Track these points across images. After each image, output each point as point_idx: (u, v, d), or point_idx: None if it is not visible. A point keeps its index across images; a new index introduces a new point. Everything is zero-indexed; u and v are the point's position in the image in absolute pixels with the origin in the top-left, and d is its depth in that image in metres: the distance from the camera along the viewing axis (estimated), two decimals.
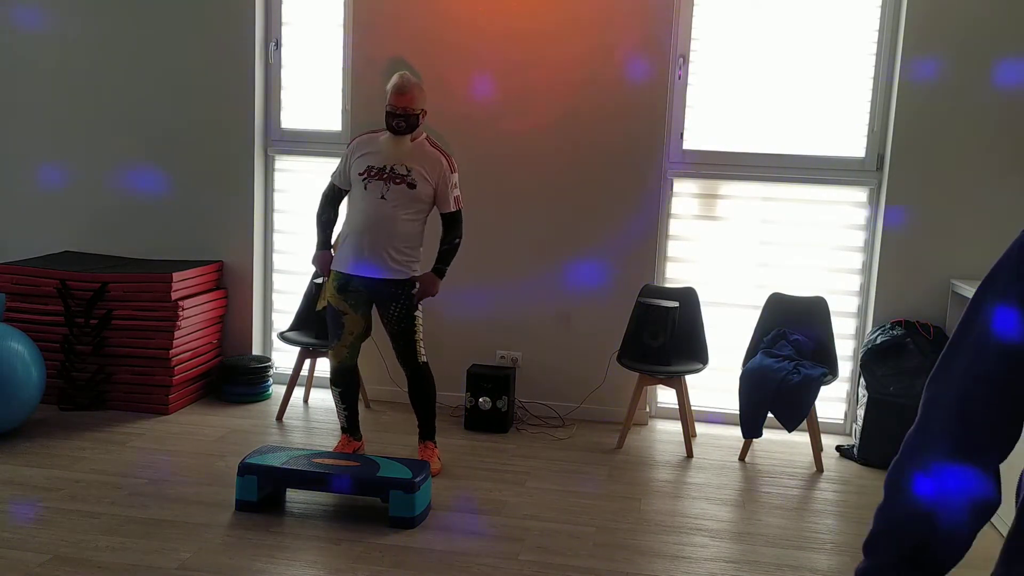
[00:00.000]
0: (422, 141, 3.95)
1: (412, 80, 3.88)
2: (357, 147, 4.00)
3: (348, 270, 3.95)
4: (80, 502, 3.60)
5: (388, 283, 3.94)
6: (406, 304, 3.96)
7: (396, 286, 3.95)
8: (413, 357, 4.03)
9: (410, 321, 3.99)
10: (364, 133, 4.09)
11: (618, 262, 4.82)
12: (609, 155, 4.78)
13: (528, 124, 4.82)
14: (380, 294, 3.97)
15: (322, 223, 4.12)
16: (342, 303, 3.99)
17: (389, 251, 3.90)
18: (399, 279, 3.94)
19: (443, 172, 3.93)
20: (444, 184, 3.94)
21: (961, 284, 4.41)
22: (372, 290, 3.97)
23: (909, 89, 4.51)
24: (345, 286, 3.98)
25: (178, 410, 4.79)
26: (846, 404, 4.87)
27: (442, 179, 3.93)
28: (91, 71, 5.18)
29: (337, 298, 3.99)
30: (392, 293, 3.95)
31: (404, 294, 3.96)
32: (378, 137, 3.97)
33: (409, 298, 3.97)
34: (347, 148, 4.07)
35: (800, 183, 4.76)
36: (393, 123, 3.86)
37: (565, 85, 4.77)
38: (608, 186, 4.79)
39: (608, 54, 4.71)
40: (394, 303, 3.96)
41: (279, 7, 5.08)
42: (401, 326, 3.98)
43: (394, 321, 3.98)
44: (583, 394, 4.90)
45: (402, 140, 3.89)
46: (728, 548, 3.48)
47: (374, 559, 3.23)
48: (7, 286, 4.77)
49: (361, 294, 3.99)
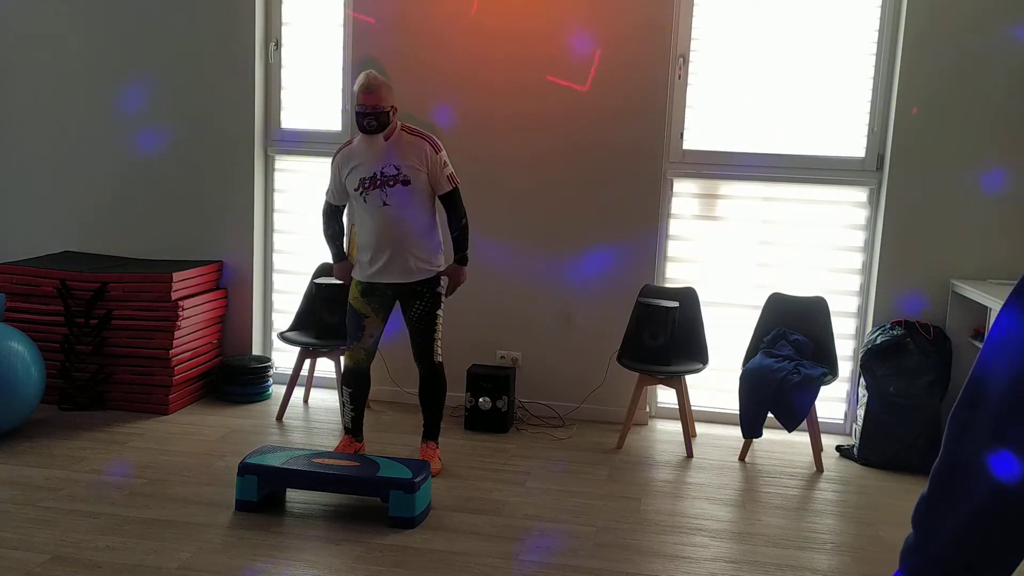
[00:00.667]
0: (398, 134, 3.92)
1: (379, 78, 3.85)
2: (342, 163, 3.97)
3: (373, 280, 3.96)
4: (80, 502, 3.60)
5: (414, 283, 3.96)
6: (430, 302, 3.98)
7: (421, 285, 3.97)
8: (430, 356, 4.04)
9: (431, 320, 4.00)
10: (342, 147, 4.05)
11: (618, 262, 4.82)
12: (609, 155, 4.78)
13: (528, 124, 4.82)
14: (405, 294, 3.99)
15: (330, 237, 4.15)
16: (365, 307, 4.00)
17: (408, 256, 3.91)
18: (425, 278, 3.96)
19: (429, 155, 3.90)
20: (434, 166, 3.91)
21: (961, 284, 4.41)
22: (397, 290, 3.99)
23: (909, 89, 4.51)
24: (370, 290, 3.98)
25: (178, 410, 4.79)
26: (846, 404, 4.87)
27: (431, 162, 3.90)
28: (90, 71, 5.18)
29: (360, 301, 4.00)
30: (417, 292, 3.97)
31: (429, 292, 3.98)
32: (354, 146, 3.94)
33: (433, 295, 3.99)
34: (332, 167, 4.02)
35: (800, 183, 4.76)
36: (364, 122, 3.83)
37: (565, 85, 4.76)
38: (608, 186, 4.79)
39: (608, 54, 4.71)
40: (418, 301, 3.98)
41: (279, 7, 5.08)
42: (422, 324, 3.99)
43: (415, 319, 3.99)
44: (583, 394, 4.90)
45: (377, 140, 3.85)
46: (728, 548, 3.48)
47: (374, 559, 3.23)
48: (7, 286, 4.77)
49: (387, 296, 4.01)
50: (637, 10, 4.67)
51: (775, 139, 4.76)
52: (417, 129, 4.00)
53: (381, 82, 3.85)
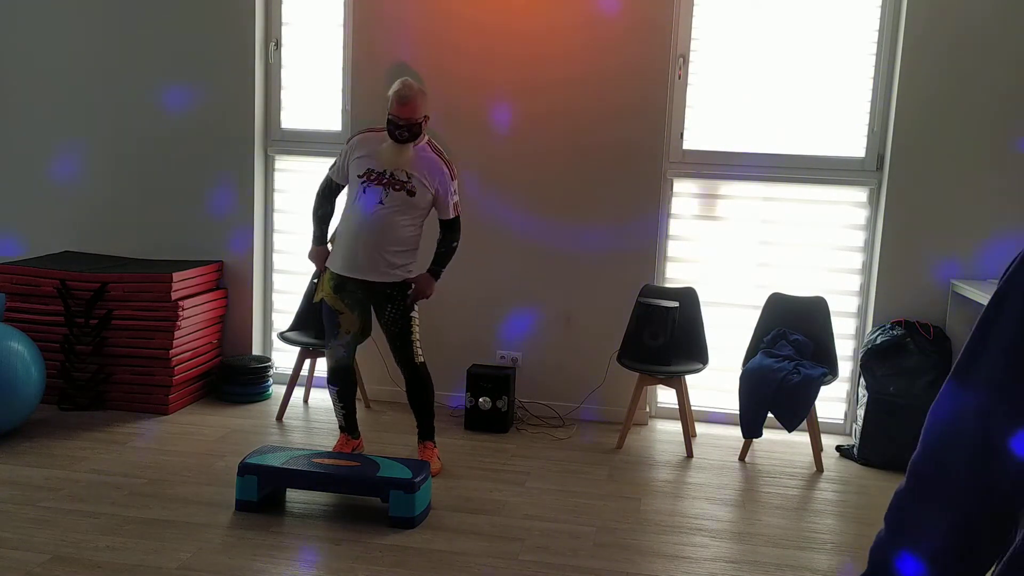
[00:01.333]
0: (424, 146, 3.93)
1: (415, 87, 3.85)
2: (357, 145, 3.98)
3: (344, 272, 3.95)
4: (80, 502, 3.60)
5: (384, 285, 3.94)
6: (402, 306, 3.97)
7: (392, 288, 3.95)
8: (410, 358, 4.03)
9: (406, 322, 3.99)
10: (365, 131, 4.06)
11: (618, 262, 4.82)
12: (609, 155, 4.78)
13: (528, 124, 4.82)
14: (376, 296, 3.97)
15: (318, 217, 4.12)
16: (338, 302, 3.99)
17: (384, 255, 3.90)
18: (395, 282, 3.94)
19: (444, 180, 3.92)
20: (444, 191, 3.93)
21: (961, 284, 4.41)
22: (368, 292, 3.97)
23: (909, 89, 4.51)
24: (341, 286, 3.98)
25: (178, 410, 4.79)
26: (846, 404, 4.87)
27: (442, 187, 3.92)
28: (90, 71, 5.18)
29: (333, 297, 3.99)
30: (388, 295, 3.95)
31: (400, 296, 3.96)
32: (380, 141, 3.93)
33: (405, 300, 3.97)
34: (346, 144, 4.05)
35: (800, 183, 4.76)
36: (396, 133, 3.84)
37: (565, 85, 4.76)
38: (608, 186, 4.79)
39: (608, 54, 4.71)
40: (390, 304, 3.96)
41: (279, 7, 5.08)
42: (397, 328, 3.98)
43: (390, 323, 3.98)
44: (583, 394, 4.90)
45: (405, 149, 3.87)
46: (728, 548, 3.48)
47: (374, 559, 3.23)
48: (7, 286, 4.77)
49: (357, 296, 3.99)
50: (637, 10, 4.67)
51: (775, 139, 4.76)
52: (442, 151, 4.00)
53: (417, 91, 3.84)
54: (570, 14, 4.72)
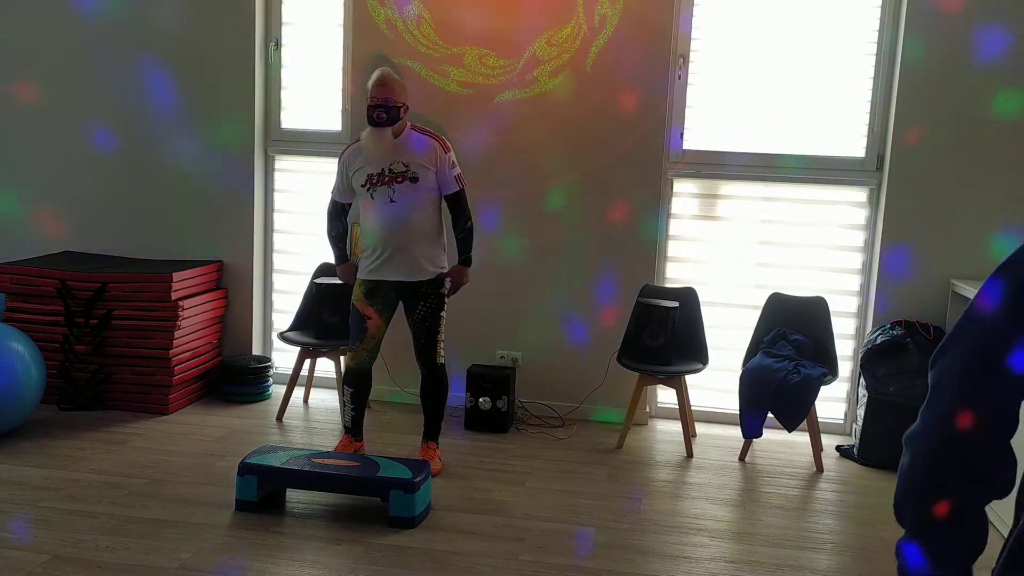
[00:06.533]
0: (407, 132, 3.94)
1: (393, 75, 3.89)
2: (349, 161, 3.98)
3: (377, 277, 3.96)
4: (80, 502, 3.60)
5: (418, 284, 3.96)
6: (434, 303, 3.99)
7: (426, 285, 3.97)
8: (432, 357, 4.04)
9: (435, 321, 4.01)
10: (351, 144, 4.08)
11: (618, 262, 4.82)
12: (609, 155, 4.78)
13: (528, 124, 4.82)
14: (409, 295, 3.99)
15: (334, 238, 4.15)
16: (368, 307, 3.99)
17: (414, 253, 3.92)
18: (429, 279, 3.96)
19: (438, 154, 3.91)
20: (442, 165, 3.92)
21: (961, 284, 4.41)
22: (401, 291, 3.99)
23: (909, 89, 4.51)
24: (373, 292, 3.98)
25: (178, 410, 4.79)
26: (846, 404, 4.87)
27: (439, 161, 3.91)
28: (90, 70, 5.18)
29: (364, 302, 4.00)
30: (422, 292, 3.97)
31: (433, 293, 3.98)
32: (362, 143, 3.95)
33: (437, 296, 3.99)
34: (339, 164, 4.04)
35: (800, 183, 4.76)
36: (374, 115, 3.83)
37: (565, 85, 4.76)
38: (608, 186, 4.79)
39: (608, 54, 4.71)
40: (423, 302, 3.98)
41: (279, 7, 5.08)
42: (426, 324, 4.00)
43: (419, 319, 4.00)
44: (583, 394, 4.90)
45: (385, 137, 3.85)
46: (728, 548, 3.48)
47: (374, 559, 3.23)
48: (7, 286, 4.77)
49: (390, 296, 4.00)
50: (637, 10, 4.67)
51: (775, 139, 4.76)
52: (427, 128, 4.01)
53: (395, 79, 3.88)
54: (569, 14, 4.71)
